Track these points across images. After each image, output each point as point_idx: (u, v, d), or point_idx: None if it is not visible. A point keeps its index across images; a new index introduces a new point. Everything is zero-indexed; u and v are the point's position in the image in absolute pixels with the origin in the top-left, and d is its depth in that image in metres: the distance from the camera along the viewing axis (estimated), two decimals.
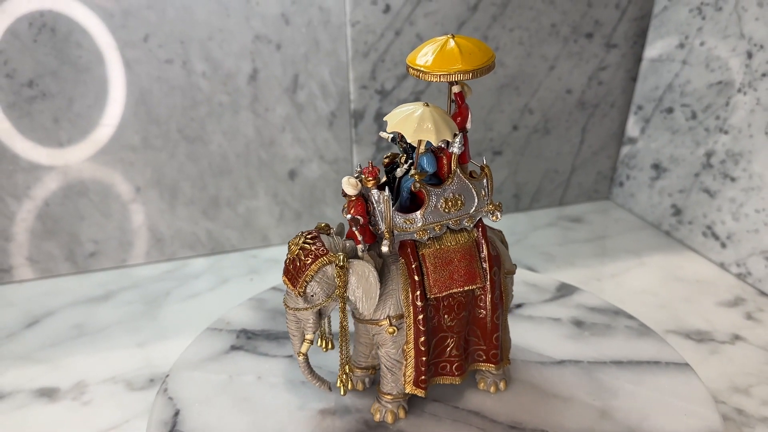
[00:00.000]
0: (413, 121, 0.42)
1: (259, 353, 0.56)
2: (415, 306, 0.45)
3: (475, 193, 0.46)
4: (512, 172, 0.93)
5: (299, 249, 0.44)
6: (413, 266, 0.45)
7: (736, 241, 0.77)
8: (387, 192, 0.43)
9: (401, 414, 0.48)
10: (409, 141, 0.43)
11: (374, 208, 0.44)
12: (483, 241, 0.47)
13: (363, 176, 0.44)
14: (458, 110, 0.45)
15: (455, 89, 0.45)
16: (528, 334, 0.58)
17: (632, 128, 0.93)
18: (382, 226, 0.44)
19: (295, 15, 0.75)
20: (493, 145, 0.90)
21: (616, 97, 0.92)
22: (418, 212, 0.45)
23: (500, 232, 0.51)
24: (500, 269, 0.48)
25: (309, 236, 0.45)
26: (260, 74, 0.77)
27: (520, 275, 0.64)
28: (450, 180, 0.45)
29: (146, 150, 0.78)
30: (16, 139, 0.73)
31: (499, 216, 0.47)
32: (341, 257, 0.43)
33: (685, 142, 0.83)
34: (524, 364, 0.54)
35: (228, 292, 0.76)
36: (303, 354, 0.46)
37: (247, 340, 0.58)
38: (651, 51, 0.87)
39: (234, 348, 0.57)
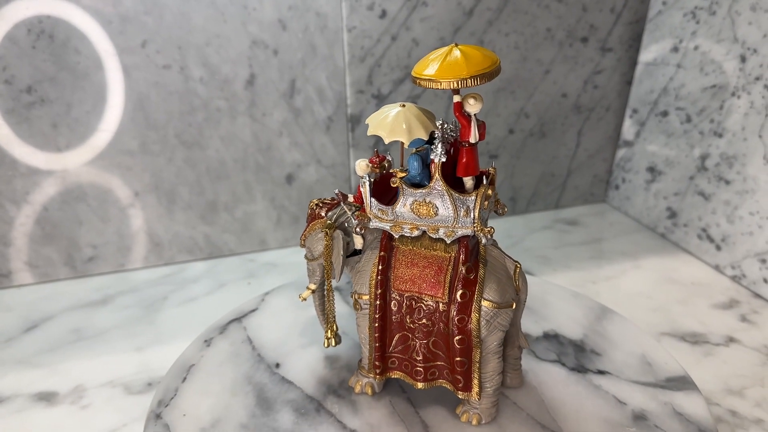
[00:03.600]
0: (375, 117, 0.46)
1: (345, 301, 0.66)
2: (374, 292, 0.48)
3: (452, 207, 0.45)
4: (508, 175, 0.93)
5: (310, 209, 0.51)
6: (381, 254, 0.48)
7: (731, 244, 0.77)
8: (367, 179, 0.46)
9: (368, 390, 0.52)
10: (368, 134, 0.46)
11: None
12: (461, 261, 0.46)
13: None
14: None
15: (454, 99, 0.44)
16: (570, 399, 0.52)
17: (628, 131, 0.93)
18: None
19: (292, 20, 0.76)
20: (489, 149, 0.90)
21: (612, 101, 0.92)
22: (391, 206, 0.46)
23: (518, 265, 0.48)
24: (474, 295, 0.46)
25: (323, 201, 0.52)
26: (257, 79, 0.78)
27: (643, 348, 0.58)
28: (428, 186, 0.45)
29: (144, 155, 0.78)
30: (15, 144, 0.74)
31: (483, 240, 0.45)
32: (327, 224, 0.49)
33: (680, 145, 0.84)
34: (526, 419, 0.50)
35: (226, 296, 0.76)
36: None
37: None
38: (646, 55, 0.88)
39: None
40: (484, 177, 0.46)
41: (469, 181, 0.45)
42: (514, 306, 0.47)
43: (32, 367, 0.64)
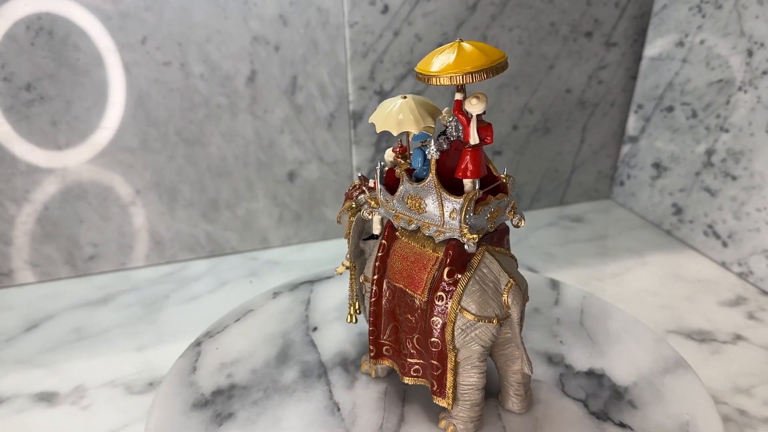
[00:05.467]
0: (379, 107, 0.46)
1: None
2: (371, 277, 0.49)
3: (439, 207, 0.44)
4: (512, 171, 0.92)
5: (348, 189, 0.53)
6: (382, 242, 0.49)
7: (738, 240, 0.77)
8: (379, 166, 0.47)
9: (371, 372, 0.54)
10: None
11: None
12: (445, 265, 0.45)
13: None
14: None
15: (456, 97, 0.43)
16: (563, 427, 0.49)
17: (633, 127, 0.92)
18: None
19: (293, 16, 0.75)
20: (492, 145, 0.89)
21: (616, 96, 0.91)
22: (392, 195, 0.47)
23: (510, 281, 0.45)
24: (449, 303, 0.44)
25: (362, 183, 0.52)
26: (258, 76, 0.77)
27: (695, 417, 0.50)
28: (423, 182, 0.44)
29: (145, 152, 0.78)
30: (15, 142, 0.73)
31: (467, 247, 0.43)
32: (350, 206, 0.51)
33: (686, 140, 0.83)
34: None
35: (228, 294, 0.76)
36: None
37: None
38: (651, 49, 0.87)
39: None
40: (476, 181, 0.44)
41: (468, 184, 0.44)
42: (495, 322, 0.45)
43: (33, 366, 0.64)
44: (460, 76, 0.40)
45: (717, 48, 0.77)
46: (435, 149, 0.43)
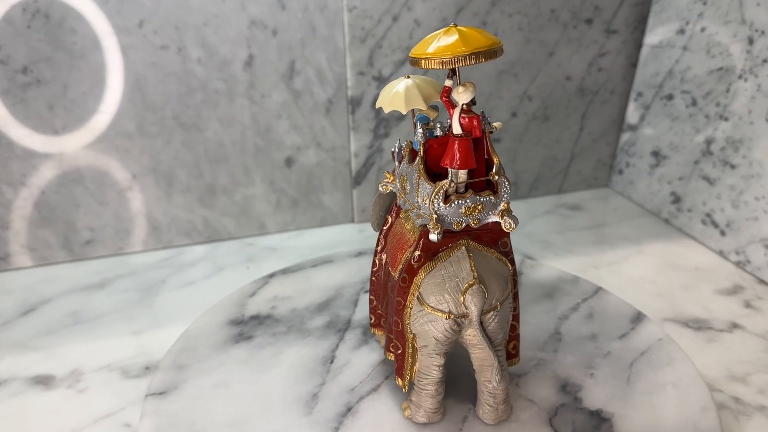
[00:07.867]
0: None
1: None
2: (375, 248, 0.51)
3: (419, 192, 0.43)
4: (511, 159, 0.92)
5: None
6: (388, 216, 0.51)
7: (736, 229, 0.76)
8: (397, 145, 0.48)
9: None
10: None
11: None
12: (415, 249, 0.44)
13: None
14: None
15: (445, 83, 0.43)
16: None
17: (632, 115, 0.92)
18: None
19: (292, 0, 0.74)
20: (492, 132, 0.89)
21: (616, 84, 0.91)
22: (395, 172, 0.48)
23: (471, 282, 0.43)
24: (410, 286, 0.44)
25: (393, 159, 0.52)
26: (256, 60, 0.76)
27: None
28: (412, 164, 0.44)
29: (142, 137, 0.77)
30: (11, 126, 0.73)
31: (431, 236, 0.42)
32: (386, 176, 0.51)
33: (685, 129, 0.83)
34: None
35: (224, 280, 0.76)
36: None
37: None
38: (651, 37, 0.86)
39: None
40: (458, 173, 0.42)
41: (451, 173, 0.43)
42: (447, 318, 0.43)
43: (29, 350, 0.64)
44: (443, 61, 0.39)
45: (718, 36, 0.76)
46: (421, 133, 0.44)
